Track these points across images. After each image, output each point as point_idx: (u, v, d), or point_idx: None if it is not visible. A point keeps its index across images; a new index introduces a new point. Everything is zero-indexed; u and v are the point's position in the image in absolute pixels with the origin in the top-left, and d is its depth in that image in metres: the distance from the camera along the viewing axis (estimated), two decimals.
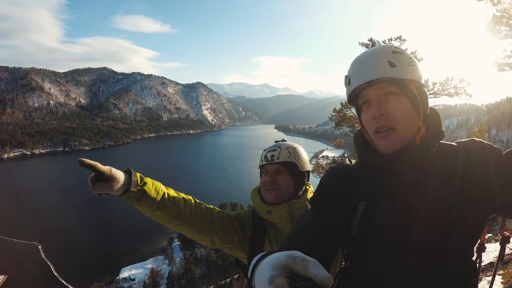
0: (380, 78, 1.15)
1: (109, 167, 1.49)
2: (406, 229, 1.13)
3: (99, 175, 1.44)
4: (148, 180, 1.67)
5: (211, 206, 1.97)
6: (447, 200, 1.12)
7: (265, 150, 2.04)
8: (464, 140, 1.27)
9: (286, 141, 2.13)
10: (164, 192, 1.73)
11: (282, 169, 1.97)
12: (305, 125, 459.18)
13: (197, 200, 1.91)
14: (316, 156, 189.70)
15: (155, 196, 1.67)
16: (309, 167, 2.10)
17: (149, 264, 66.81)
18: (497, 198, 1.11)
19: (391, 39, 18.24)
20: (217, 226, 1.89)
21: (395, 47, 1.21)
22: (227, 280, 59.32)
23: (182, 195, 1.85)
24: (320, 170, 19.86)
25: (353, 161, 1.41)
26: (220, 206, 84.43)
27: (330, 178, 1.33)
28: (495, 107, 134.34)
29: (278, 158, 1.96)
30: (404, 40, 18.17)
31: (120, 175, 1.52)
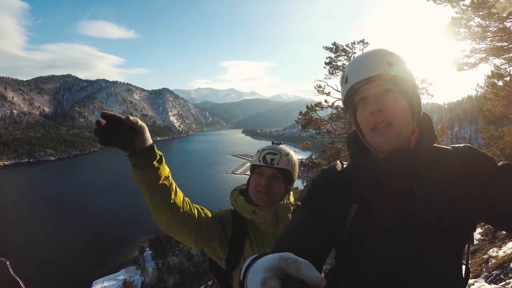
0: (379, 75, 1.17)
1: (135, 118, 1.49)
2: (399, 233, 1.14)
3: (123, 123, 1.44)
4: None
5: (197, 206, 1.96)
6: (440, 206, 1.12)
7: (263, 150, 2.05)
8: (459, 145, 1.27)
9: (281, 143, 2.17)
10: (169, 171, 1.72)
11: (279, 175, 2.00)
12: (272, 128, 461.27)
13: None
14: None
15: (164, 169, 1.65)
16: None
17: (121, 275, 65.54)
18: (490, 208, 1.14)
19: (354, 43, 19.12)
20: (204, 223, 1.87)
21: (391, 50, 1.24)
22: (201, 287, 59.11)
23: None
24: None
25: (345, 163, 1.39)
26: None
27: (322, 181, 1.32)
28: (457, 105, 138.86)
29: (278, 164, 1.98)
30: (367, 43, 19.10)
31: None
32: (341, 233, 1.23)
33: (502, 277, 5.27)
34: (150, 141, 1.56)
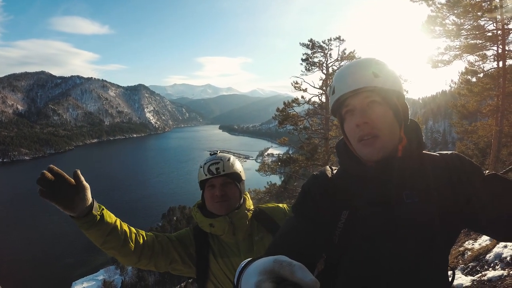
0: (364, 87, 1.18)
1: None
2: (388, 240, 1.15)
3: (64, 182, 1.52)
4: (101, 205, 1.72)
5: (150, 233, 1.99)
6: (428, 213, 1.14)
7: (204, 163, 2.06)
8: (446, 152, 1.28)
9: (218, 151, 2.20)
10: (116, 219, 1.78)
11: (229, 180, 2.04)
12: (249, 124, 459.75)
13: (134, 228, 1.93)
14: (261, 154, 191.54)
15: (110, 222, 1.72)
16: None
17: (101, 275, 64.99)
18: (475, 216, 1.15)
19: (330, 40, 19.13)
20: (159, 249, 1.92)
21: (378, 59, 1.24)
22: (182, 284, 58.73)
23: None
24: (266, 169, 20.34)
25: (334, 169, 1.41)
26: (169, 210, 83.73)
27: (313, 186, 1.32)
28: (431, 100, 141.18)
29: (224, 171, 2.00)
30: (343, 40, 19.15)
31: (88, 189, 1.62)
32: (332, 239, 1.24)
33: (478, 269, 5.34)
34: (90, 200, 1.60)
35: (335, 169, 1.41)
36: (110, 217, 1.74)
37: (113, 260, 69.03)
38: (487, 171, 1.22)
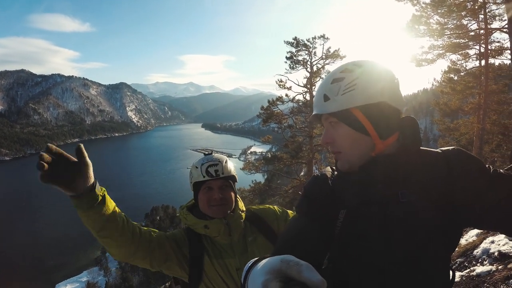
0: (317, 114, 1.24)
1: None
2: (385, 239, 1.16)
3: (66, 160, 1.46)
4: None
5: (145, 227, 1.91)
6: (425, 212, 1.13)
7: (201, 164, 1.97)
8: (448, 148, 1.26)
9: (213, 152, 2.14)
10: (114, 204, 1.71)
11: (227, 183, 2.00)
12: (232, 122, 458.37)
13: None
14: (244, 152, 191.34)
15: (111, 205, 1.65)
16: None
17: (84, 277, 63.74)
18: (481, 215, 1.13)
19: (315, 38, 19.23)
20: (156, 244, 1.86)
21: (340, 72, 1.21)
22: (167, 284, 58.16)
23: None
24: (251, 167, 20.29)
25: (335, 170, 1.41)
26: (152, 210, 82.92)
27: (314, 187, 1.35)
28: (413, 98, 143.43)
29: (223, 173, 1.95)
30: (327, 38, 19.28)
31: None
32: (333, 237, 1.26)
33: (466, 264, 5.36)
34: (92, 179, 1.54)
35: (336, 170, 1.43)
36: (111, 201, 1.66)
37: (96, 261, 68.25)
38: (492, 168, 1.19)
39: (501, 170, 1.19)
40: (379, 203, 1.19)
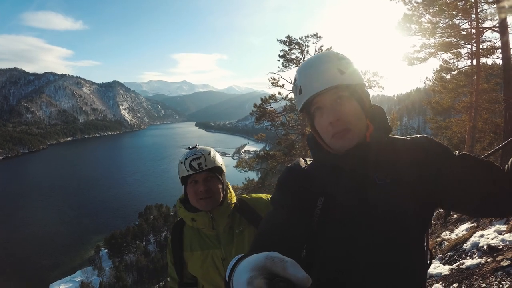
0: (333, 87, 1.19)
1: None
2: (364, 223, 1.18)
3: None
4: None
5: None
6: (400, 193, 1.17)
7: (185, 159, 2.03)
8: (416, 136, 1.32)
9: (197, 145, 2.17)
10: None
11: (211, 175, 2.02)
12: (225, 121, 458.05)
13: None
14: (238, 151, 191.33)
15: None
16: None
17: (78, 276, 63.80)
18: (447, 194, 1.18)
19: (307, 36, 19.20)
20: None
21: (339, 54, 1.25)
22: (161, 283, 58.25)
23: None
24: (244, 165, 20.32)
25: (308, 160, 1.44)
26: (146, 209, 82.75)
27: (288, 178, 1.35)
28: (405, 97, 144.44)
29: (206, 165, 1.99)
30: (320, 37, 19.26)
31: None
32: (311, 226, 1.26)
33: (456, 258, 5.45)
34: None
35: (309, 161, 1.43)
36: None
37: (90, 260, 68.31)
38: (458, 152, 1.25)
39: (466, 153, 1.24)
40: (357, 187, 1.21)
